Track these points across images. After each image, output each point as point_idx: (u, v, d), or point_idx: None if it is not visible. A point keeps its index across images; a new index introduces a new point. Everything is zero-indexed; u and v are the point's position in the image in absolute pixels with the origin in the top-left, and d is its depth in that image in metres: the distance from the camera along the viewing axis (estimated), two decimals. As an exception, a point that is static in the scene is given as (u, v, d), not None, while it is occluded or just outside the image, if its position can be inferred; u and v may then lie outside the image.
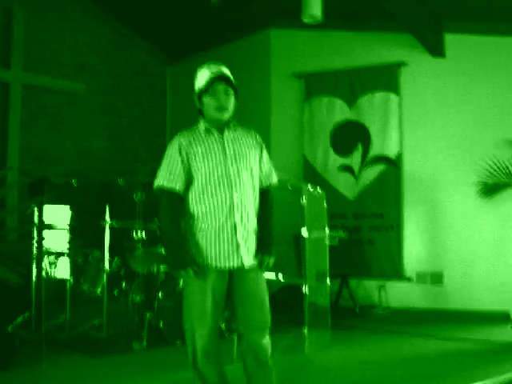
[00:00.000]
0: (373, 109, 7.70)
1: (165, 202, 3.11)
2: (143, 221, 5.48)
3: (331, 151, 7.89)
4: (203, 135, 3.15)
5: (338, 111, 7.90)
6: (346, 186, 7.80)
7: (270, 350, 3.18)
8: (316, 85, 8.00)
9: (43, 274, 5.55)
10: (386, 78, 7.64)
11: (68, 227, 6.14)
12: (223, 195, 3.07)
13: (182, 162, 3.09)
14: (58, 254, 5.59)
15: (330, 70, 7.93)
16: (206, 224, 3.07)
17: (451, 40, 7.34)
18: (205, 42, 8.75)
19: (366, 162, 7.68)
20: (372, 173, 7.65)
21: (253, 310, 3.14)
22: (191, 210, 3.11)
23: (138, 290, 5.35)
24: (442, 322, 6.51)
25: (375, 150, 7.65)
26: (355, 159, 7.77)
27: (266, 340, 3.16)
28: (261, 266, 3.18)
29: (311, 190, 5.70)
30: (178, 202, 3.11)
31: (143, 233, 5.54)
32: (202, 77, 3.16)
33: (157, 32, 9.13)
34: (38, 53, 8.19)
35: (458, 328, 6.08)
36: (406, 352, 5.12)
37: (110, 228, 5.68)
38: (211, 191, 3.08)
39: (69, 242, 5.53)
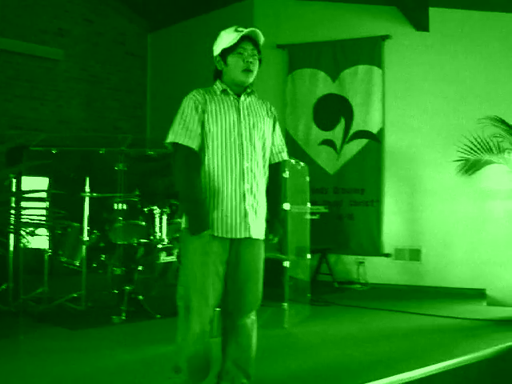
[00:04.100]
0: (356, 82, 7.66)
1: (181, 159, 2.90)
2: (124, 192, 5.41)
3: (313, 125, 7.85)
4: (219, 96, 3.00)
5: (321, 84, 7.84)
6: (328, 161, 7.78)
7: (254, 329, 3.10)
8: (299, 56, 7.92)
9: (21, 244, 5.46)
10: (370, 51, 7.59)
11: (47, 197, 6.04)
12: (233, 161, 2.91)
13: (199, 120, 2.92)
14: (37, 225, 5.50)
15: (314, 41, 7.85)
16: (214, 190, 2.91)
17: (436, 14, 7.28)
18: (187, 10, 8.62)
19: (348, 137, 7.65)
20: (354, 148, 7.63)
21: (247, 292, 3.00)
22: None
23: (117, 262, 5.30)
24: (420, 299, 6.57)
25: (357, 124, 7.63)
26: (337, 133, 7.74)
27: (251, 319, 3.08)
28: (268, 241, 3.09)
29: (294, 163, 5.65)
30: (195, 160, 2.91)
31: (124, 204, 5.48)
32: (229, 36, 2.97)
33: (138, -2, 8.96)
34: (16, 18, 7.99)
35: (435, 305, 6.15)
36: (383, 328, 5.15)
37: (90, 199, 5.61)
38: (221, 155, 2.91)
39: (47, 213, 5.43)
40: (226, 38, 2.99)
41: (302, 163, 5.80)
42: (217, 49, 3.03)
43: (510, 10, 6.88)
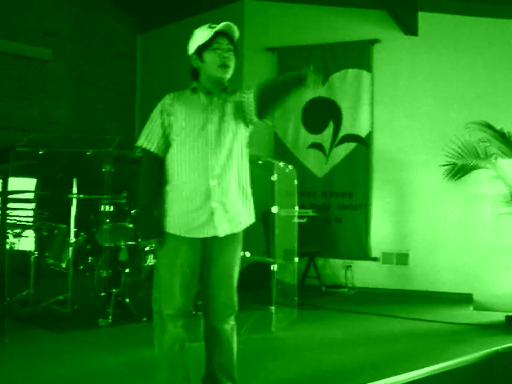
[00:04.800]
0: (345, 86, 7.66)
1: (143, 164, 3.00)
2: (111, 194, 5.37)
3: (302, 128, 7.85)
4: (188, 94, 3.00)
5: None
6: (316, 164, 7.77)
7: (234, 334, 3.07)
8: (289, 59, 7.90)
9: (7, 246, 5.41)
10: (359, 55, 7.59)
11: (34, 199, 6.00)
12: (199, 158, 2.89)
13: (162, 124, 2.96)
14: (23, 227, 5.46)
15: (303, 44, 7.85)
16: (178, 188, 2.91)
17: (425, 18, 7.31)
18: (177, 11, 8.60)
19: (336, 140, 7.66)
20: (342, 151, 7.63)
21: (219, 296, 2.98)
22: (166, 173, 2.96)
23: (104, 264, 5.27)
24: (407, 303, 6.58)
25: (346, 128, 7.63)
26: (326, 137, 7.73)
27: (230, 325, 3.04)
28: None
29: (282, 166, 5.65)
30: (154, 164, 2.97)
31: (111, 206, 5.45)
32: (203, 33, 2.95)
33: (128, -1, 8.94)
34: (3, 17, 7.94)
35: (422, 309, 6.16)
36: (370, 332, 5.16)
37: (77, 200, 5.57)
38: (187, 153, 2.90)
39: (34, 214, 5.39)
40: (201, 35, 2.97)
41: (290, 166, 5.79)
42: (192, 47, 3.01)
43: (499, 16, 6.93)
